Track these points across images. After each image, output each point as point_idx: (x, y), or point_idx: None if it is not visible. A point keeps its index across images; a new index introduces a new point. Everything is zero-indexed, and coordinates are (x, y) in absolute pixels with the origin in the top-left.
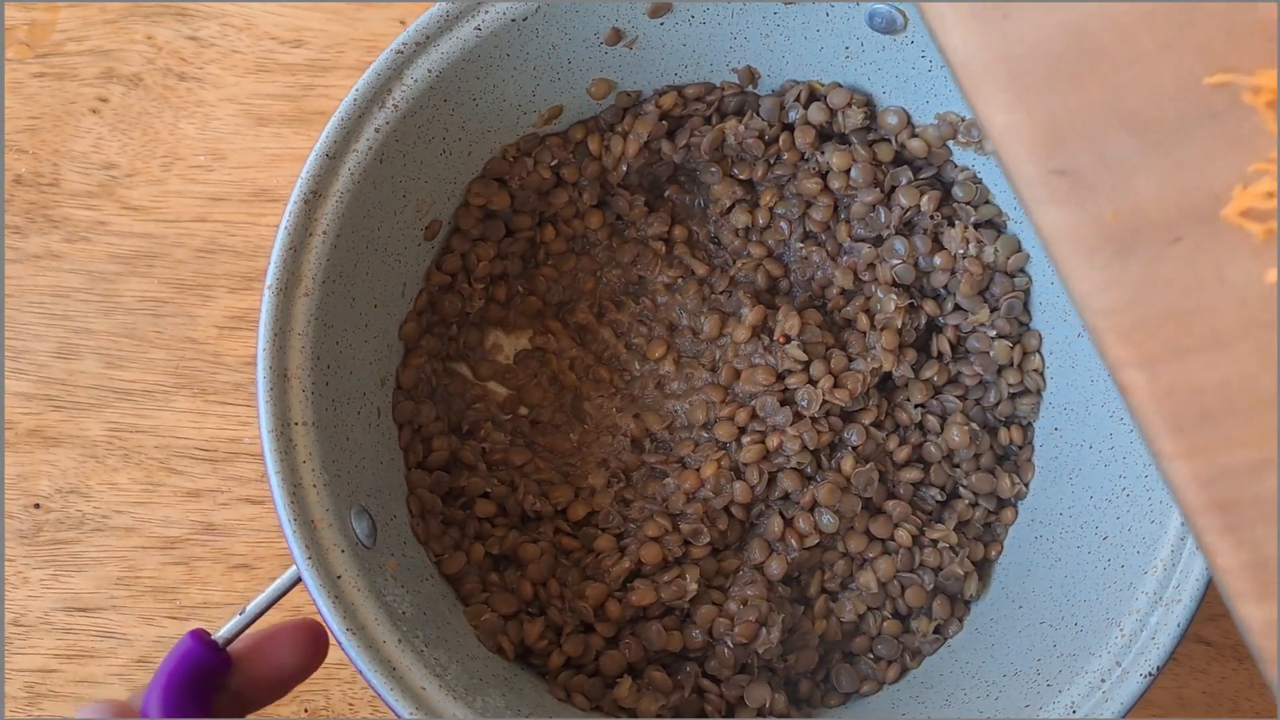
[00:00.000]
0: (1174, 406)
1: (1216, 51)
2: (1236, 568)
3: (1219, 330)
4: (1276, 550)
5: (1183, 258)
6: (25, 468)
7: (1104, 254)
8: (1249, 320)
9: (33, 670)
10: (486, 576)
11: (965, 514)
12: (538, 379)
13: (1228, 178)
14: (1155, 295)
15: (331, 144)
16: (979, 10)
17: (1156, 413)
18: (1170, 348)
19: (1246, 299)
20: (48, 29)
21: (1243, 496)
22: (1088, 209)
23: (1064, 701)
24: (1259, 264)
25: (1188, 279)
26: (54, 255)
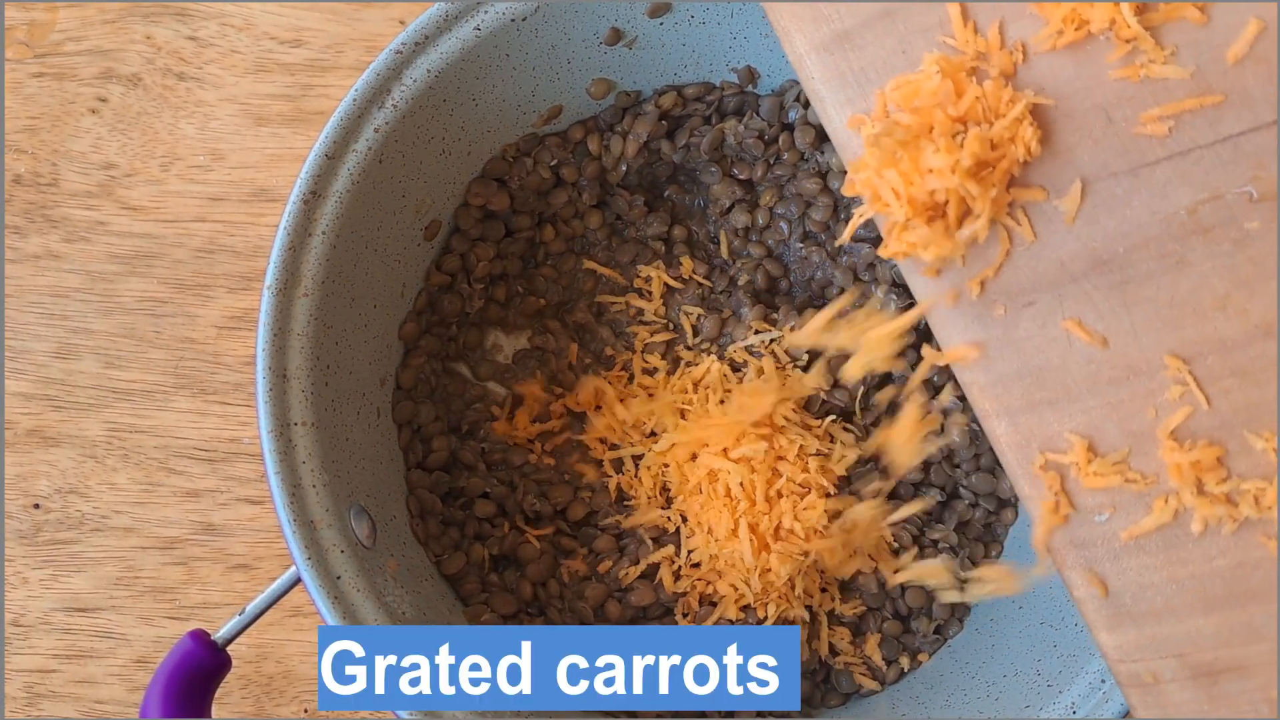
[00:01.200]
0: (1031, 454)
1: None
2: (1088, 599)
3: (1068, 385)
4: (1121, 585)
5: (1035, 320)
6: (24, 468)
7: (966, 318)
8: (1094, 376)
9: (32, 670)
10: (486, 577)
11: (965, 514)
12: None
13: (1072, 247)
14: (1012, 353)
15: (331, 144)
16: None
17: (1015, 460)
18: (1026, 401)
19: (1092, 356)
20: (47, 29)
21: (1093, 537)
22: (951, 278)
23: (1064, 702)
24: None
25: (1039, 339)
26: (53, 255)
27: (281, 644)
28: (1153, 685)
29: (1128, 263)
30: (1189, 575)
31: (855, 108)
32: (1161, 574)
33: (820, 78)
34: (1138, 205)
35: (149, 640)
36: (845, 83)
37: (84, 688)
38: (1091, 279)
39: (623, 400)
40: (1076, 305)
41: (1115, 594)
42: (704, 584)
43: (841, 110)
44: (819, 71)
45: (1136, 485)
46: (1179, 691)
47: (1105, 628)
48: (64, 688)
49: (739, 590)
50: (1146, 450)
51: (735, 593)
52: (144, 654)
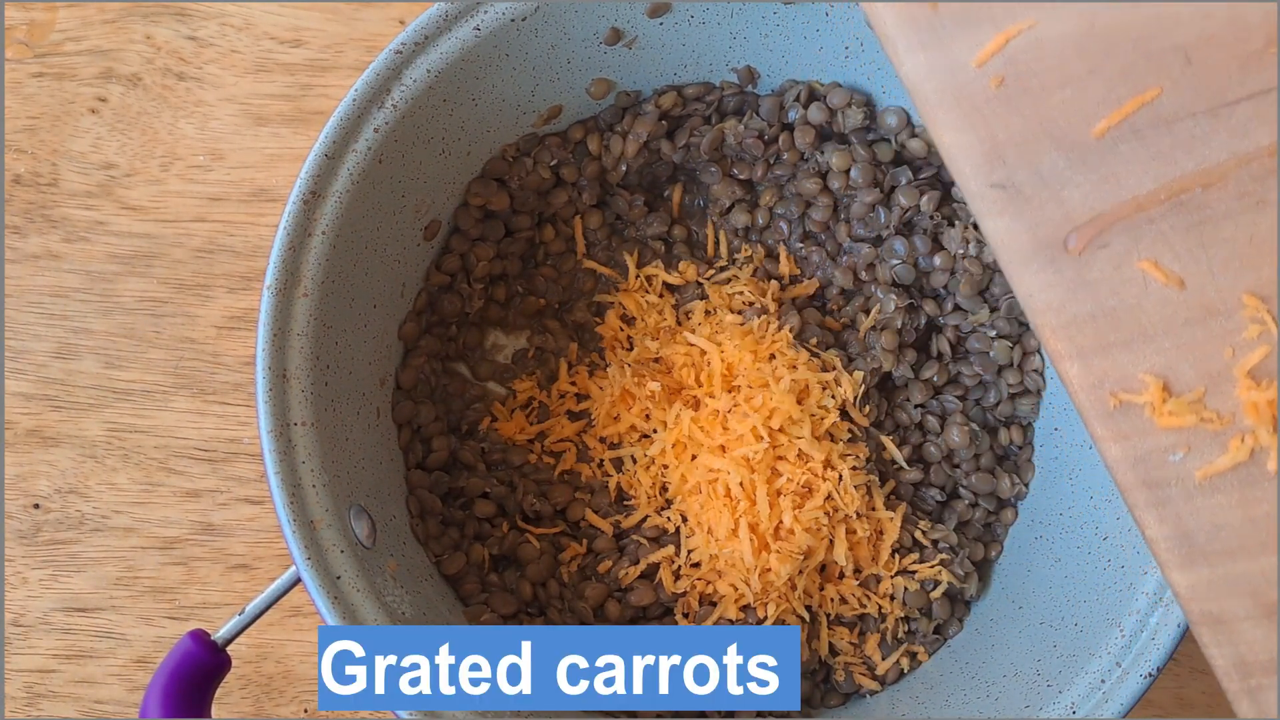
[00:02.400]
0: (1104, 395)
1: (1136, 73)
2: (1160, 539)
3: (1143, 326)
4: (1195, 524)
5: (1110, 261)
6: (24, 468)
7: (1040, 259)
8: (1170, 317)
9: (32, 670)
10: (486, 577)
11: (965, 514)
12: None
13: (1150, 187)
14: (1085, 295)
15: (330, 144)
16: (927, 41)
17: (1089, 401)
18: (1100, 342)
19: (1168, 298)
20: (46, 29)
21: (1167, 478)
22: (1024, 218)
23: (1064, 702)
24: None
25: (1114, 280)
26: (53, 255)
27: (281, 644)
28: (1225, 624)
29: (1205, 203)
30: (1264, 514)
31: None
32: (1236, 513)
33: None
34: (1216, 145)
35: (149, 640)
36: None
37: (84, 688)
38: (1169, 219)
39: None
40: (1153, 246)
41: (1189, 533)
42: (704, 584)
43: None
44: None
45: (1212, 425)
46: (1252, 629)
47: (1178, 567)
48: (64, 688)
49: (739, 590)
50: (1222, 390)
51: (735, 592)
52: (144, 654)
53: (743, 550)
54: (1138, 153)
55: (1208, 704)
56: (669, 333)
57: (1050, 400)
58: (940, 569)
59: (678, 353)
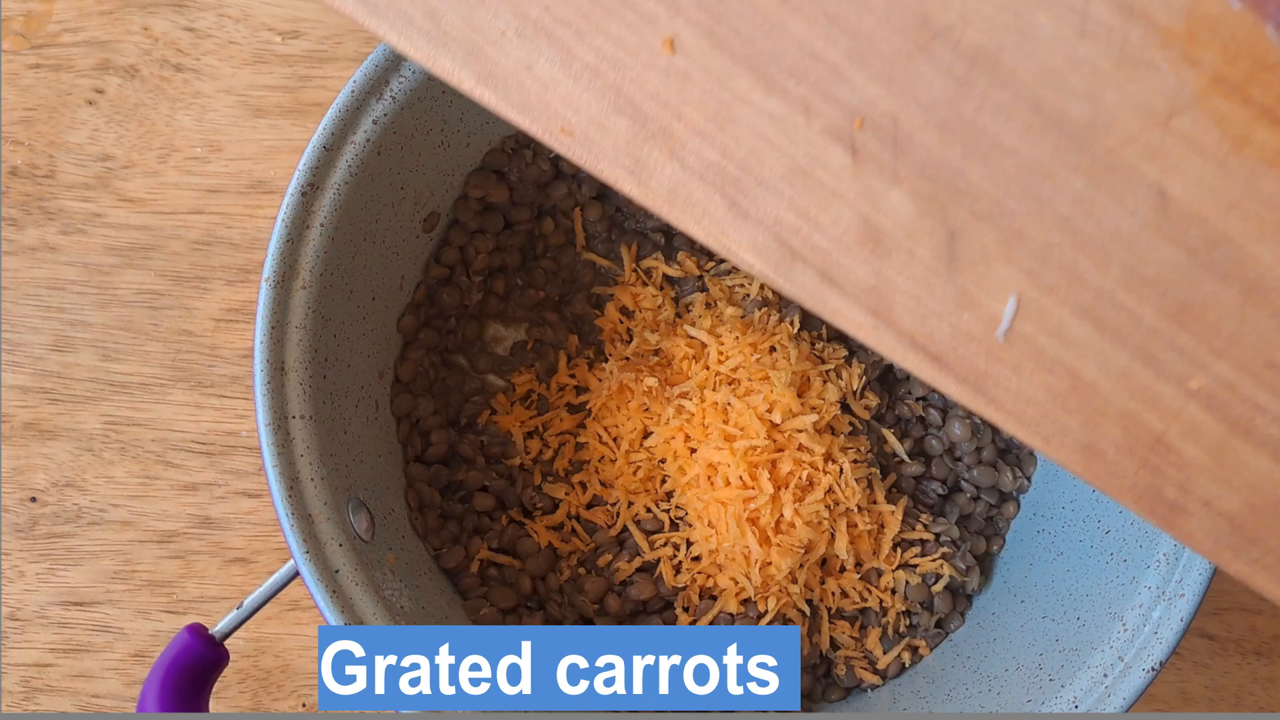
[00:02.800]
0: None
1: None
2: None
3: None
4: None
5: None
6: (21, 461)
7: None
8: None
9: (29, 665)
10: (485, 571)
11: (967, 508)
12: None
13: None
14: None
15: (329, 136)
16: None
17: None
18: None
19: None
20: (43, 20)
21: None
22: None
23: (1066, 696)
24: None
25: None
26: (50, 247)
27: (279, 638)
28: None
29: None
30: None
31: None
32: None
33: None
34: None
35: (146, 634)
36: None
37: (81, 682)
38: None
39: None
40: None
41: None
42: (704, 578)
43: None
44: None
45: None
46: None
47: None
48: (61, 682)
49: (739, 584)
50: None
51: (736, 586)
52: (141, 648)
53: (747, 543)
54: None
55: (1210, 699)
56: (669, 325)
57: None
58: (942, 563)
59: (678, 345)
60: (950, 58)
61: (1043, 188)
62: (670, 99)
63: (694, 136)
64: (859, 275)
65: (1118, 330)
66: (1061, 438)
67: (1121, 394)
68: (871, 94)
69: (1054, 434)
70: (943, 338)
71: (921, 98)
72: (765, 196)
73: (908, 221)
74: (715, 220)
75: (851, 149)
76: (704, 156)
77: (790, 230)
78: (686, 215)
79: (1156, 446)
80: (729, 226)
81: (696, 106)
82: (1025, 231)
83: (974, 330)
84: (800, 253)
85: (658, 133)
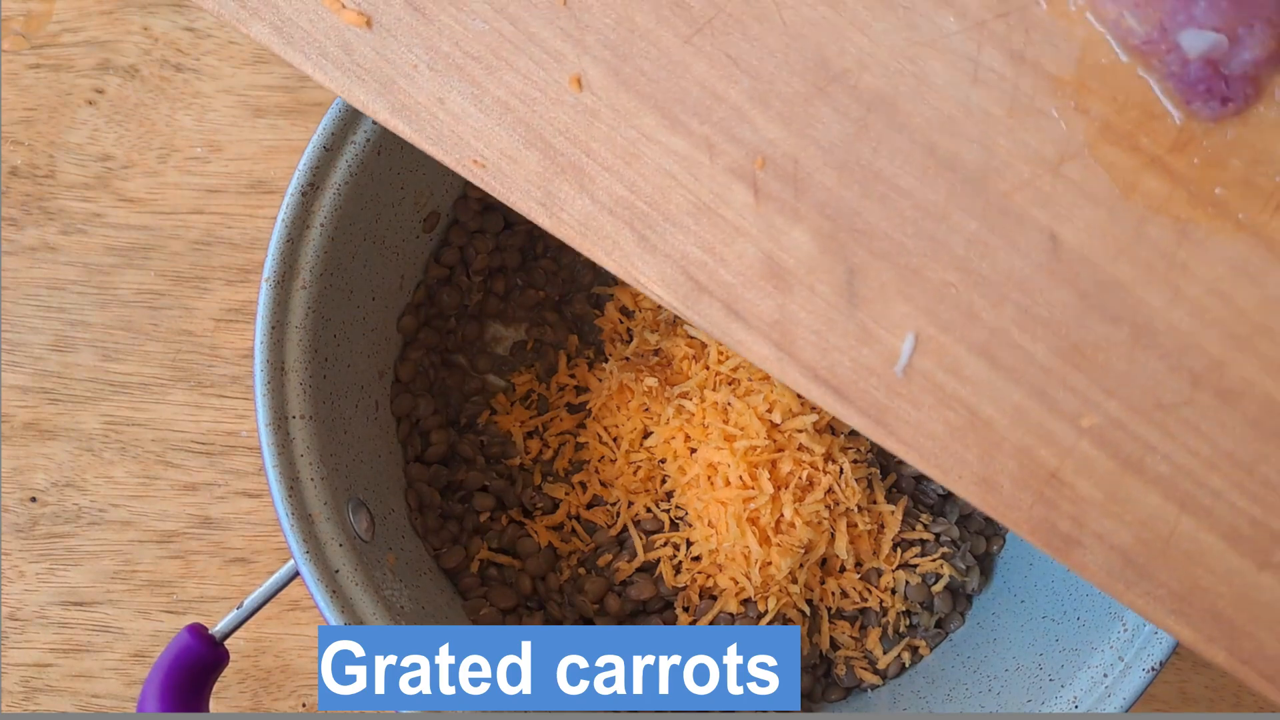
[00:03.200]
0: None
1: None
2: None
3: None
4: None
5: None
6: (21, 461)
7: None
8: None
9: (29, 665)
10: (485, 571)
11: (967, 508)
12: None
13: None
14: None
15: (329, 136)
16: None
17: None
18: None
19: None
20: (43, 20)
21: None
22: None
23: (1066, 696)
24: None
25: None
26: (50, 247)
27: (279, 638)
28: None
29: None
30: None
31: None
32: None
33: None
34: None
35: (146, 634)
36: None
37: (81, 682)
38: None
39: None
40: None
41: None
42: (704, 578)
43: None
44: None
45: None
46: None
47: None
48: (61, 682)
49: (740, 584)
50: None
51: (736, 586)
52: (141, 648)
53: (748, 543)
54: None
55: (1211, 699)
56: (669, 325)
57: None
58: (942, 563)
59: (677, 345)
60: (848, 101)
61: (938, 229)
62: (579, 135)
63: (603, 172)
64: (763, 309)
65: (1012, 368)
66: (960, 470)
67: (1017, 430)
68: (772, 134)
69: (952, 467)
70: (844, 372)
71: (821, 139)
72: (672, 232)
73: (809, 258)
74: (625, 253)
75: (753, 187)
76: (613, 191)
77: (697, 265)
78: (597, 247)
79: (1051, 481)
80: (638, 259)
81: (604, 143)
82: (922, 270)
83: (874, 365)
84: (707, 286)
85: (568, 167)
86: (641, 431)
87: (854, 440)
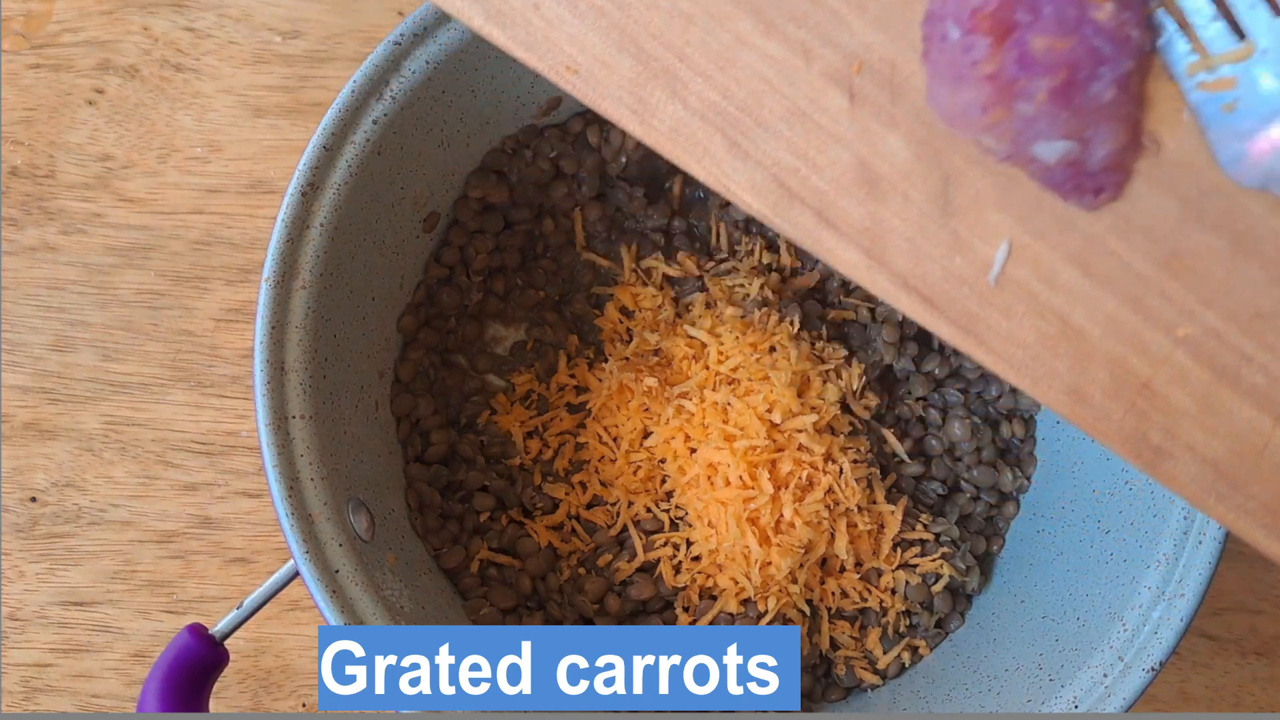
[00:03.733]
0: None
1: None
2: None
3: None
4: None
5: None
6: (21, 461)
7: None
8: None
9: (29, 665)
10: (485, 571)
11: (967, 508)
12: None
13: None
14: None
15: (329, 136)
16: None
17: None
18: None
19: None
20: (43, 20)
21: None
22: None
23: (1066, 696)
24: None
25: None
26: (50, 247)
27: (279, 638)
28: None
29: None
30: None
31: None
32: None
33: None
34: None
35: (146, 634)
36: None
37: (81, 682)
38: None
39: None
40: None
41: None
42: (704, 578)
43: None
44: None
45: None
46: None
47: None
48: (61, 682)
49: (739, 584)
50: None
51: (736, 586)
52: (141, 648)
53: (748, 543)
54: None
55: (1210, 698)
56: (669, 325)
57: None
58: (942, 563)
59: (677, 345)
60: None
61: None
62: (673, 40)
63: (696, 77)
64: (855, 217)
65: (1108, 277)
66: (1050, 381)
67: (1110, 340)
68: (870, 39)
69: (1042, 377)
70: (935, 280)
71: (917, 43)
72: (765, 138)
73: (904, 165)
74: (716, 160)
75: (849, 93)
76: (705, 97)
77: (789, 172)
78: (688, 154)
79: (1143, 392)
80: (729, 167)
81: (699, 48)
82: (1020, 178)
83: (966, 274)
84: (798, 194)
85: (661, 73)
86: (641, 431)
87: (854, 441)
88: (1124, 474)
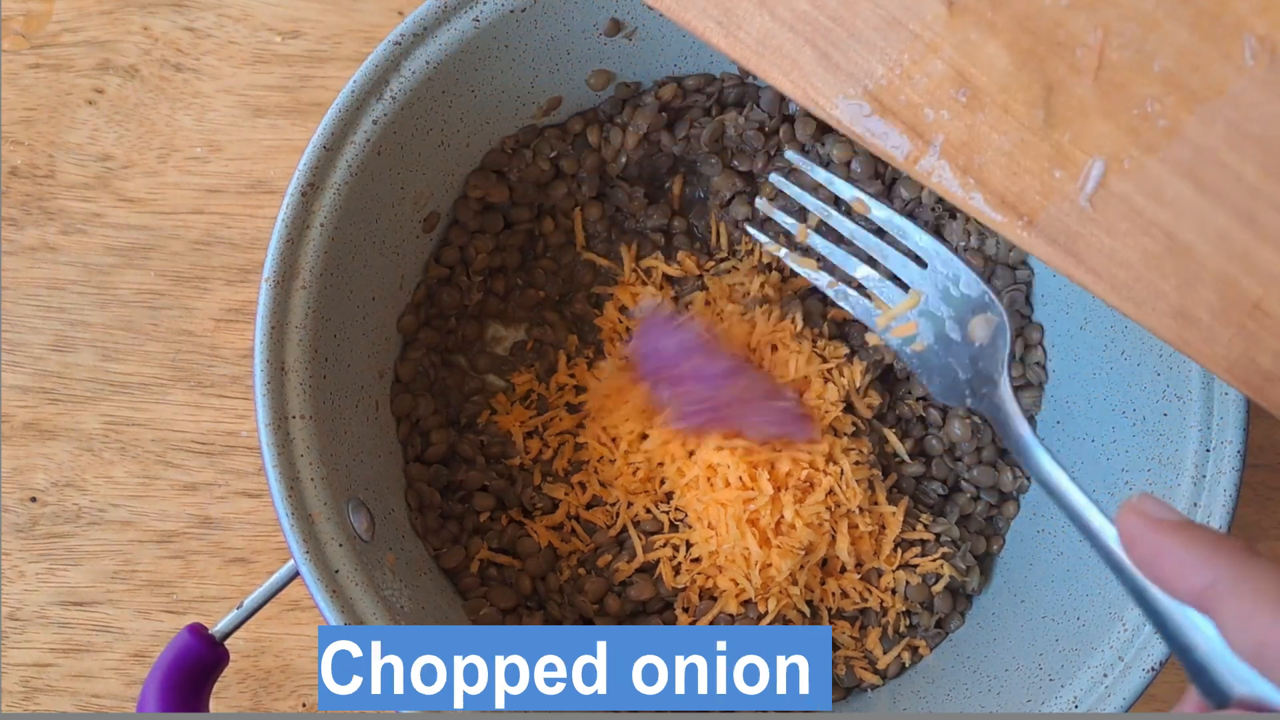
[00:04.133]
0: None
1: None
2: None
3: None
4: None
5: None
6: (21, 461)
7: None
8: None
9: (29, 665)
10: (485, 571)
11: (967, 508)
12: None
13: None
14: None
15: (329, 136)
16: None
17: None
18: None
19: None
20: (43, 20)
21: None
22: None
23: (1066, 696)
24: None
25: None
26: (50, 247)
27: (279, 638)
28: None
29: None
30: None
31: None
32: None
33: None
34: None
35: (146, 634)
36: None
37: (81, 682)
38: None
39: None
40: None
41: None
42: (704, 579)
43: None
44: None
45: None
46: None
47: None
48: (61, 682)
49: (740, 585)
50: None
51: (736, 588)
52: (141, 648)
53: (748, 544)
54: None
55: None
56: None
57: (1052, 393)
58: (942, 563)
59: None
60: None
61: (1148, 39)
62: None
63: None
64: (950, 130)
65: (1218, 190)
66: (1155, 302)
67: (1219, 257)
68: None
69: (1147, 299)
70: (1034, 196)
71: None
72: (857, 48)
73: (1003, 75)
74: (804, 73)
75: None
76: (795, 7)
77: (881, 83)
78: (774, 68)
79: (1253, 313)
80: (818, 79)
81: None
82: (1127, 86)
83: (1067, 189)
84: (890, 107)
85: None
86: (639, 433)
87: (855, 442)
88: (1124, 474)
